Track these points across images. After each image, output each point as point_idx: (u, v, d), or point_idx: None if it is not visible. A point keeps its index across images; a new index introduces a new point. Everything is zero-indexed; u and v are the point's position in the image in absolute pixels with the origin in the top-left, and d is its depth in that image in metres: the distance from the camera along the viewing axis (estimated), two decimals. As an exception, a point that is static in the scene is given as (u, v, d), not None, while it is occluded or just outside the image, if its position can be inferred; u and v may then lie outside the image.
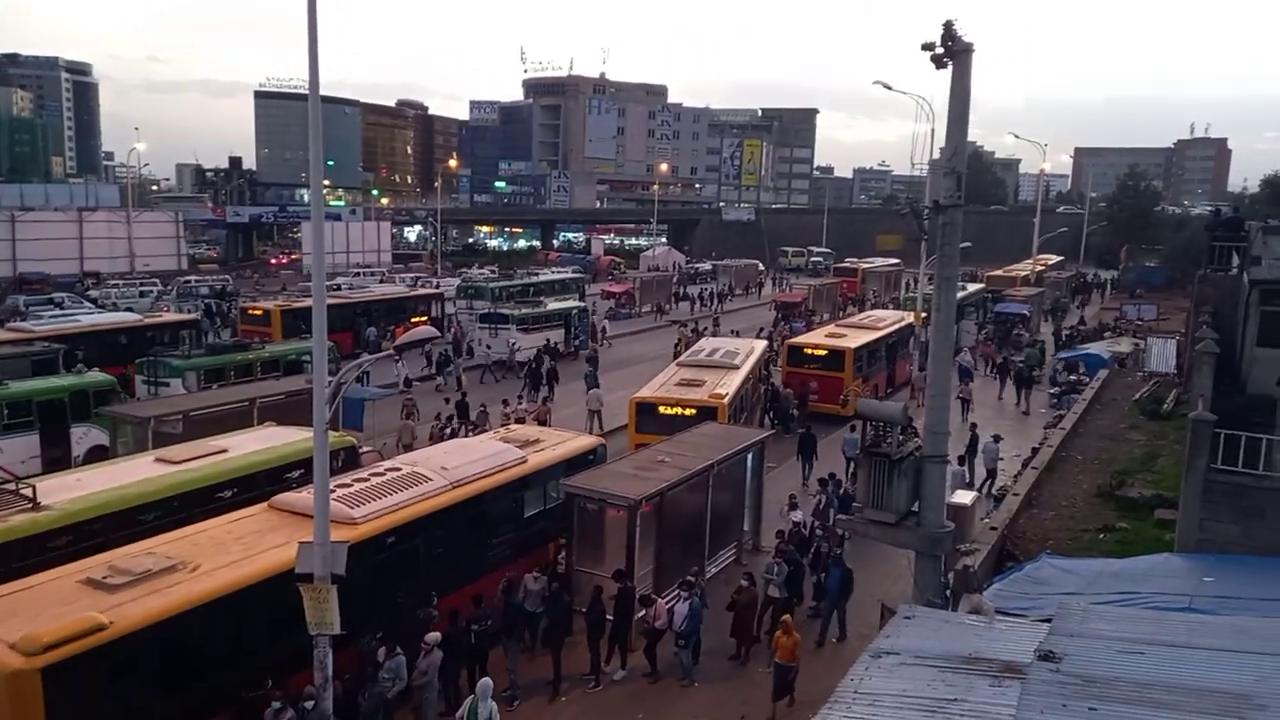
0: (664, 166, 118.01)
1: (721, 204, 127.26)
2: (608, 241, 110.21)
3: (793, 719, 12.37)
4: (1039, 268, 60.30)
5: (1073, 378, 32.60)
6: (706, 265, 74.43)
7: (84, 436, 21.53)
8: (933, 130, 25.93)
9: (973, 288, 47.43)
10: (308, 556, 10.50)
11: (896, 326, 33.90)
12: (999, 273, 58.20)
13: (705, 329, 40.55)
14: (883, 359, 32.28)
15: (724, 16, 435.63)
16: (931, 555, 13.01)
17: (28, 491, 13.01)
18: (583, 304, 44.47)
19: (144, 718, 10.01)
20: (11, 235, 59.37)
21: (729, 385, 22.62)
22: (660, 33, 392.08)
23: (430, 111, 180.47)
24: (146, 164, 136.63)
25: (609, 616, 13.62)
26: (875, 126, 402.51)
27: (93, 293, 50.02)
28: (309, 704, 10.52)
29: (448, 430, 23.04)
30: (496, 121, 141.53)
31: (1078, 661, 8.34)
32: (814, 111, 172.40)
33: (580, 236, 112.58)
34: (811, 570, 15.99)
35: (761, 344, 30.10)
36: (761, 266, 76.05)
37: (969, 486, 20.03)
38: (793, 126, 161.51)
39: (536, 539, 15.79)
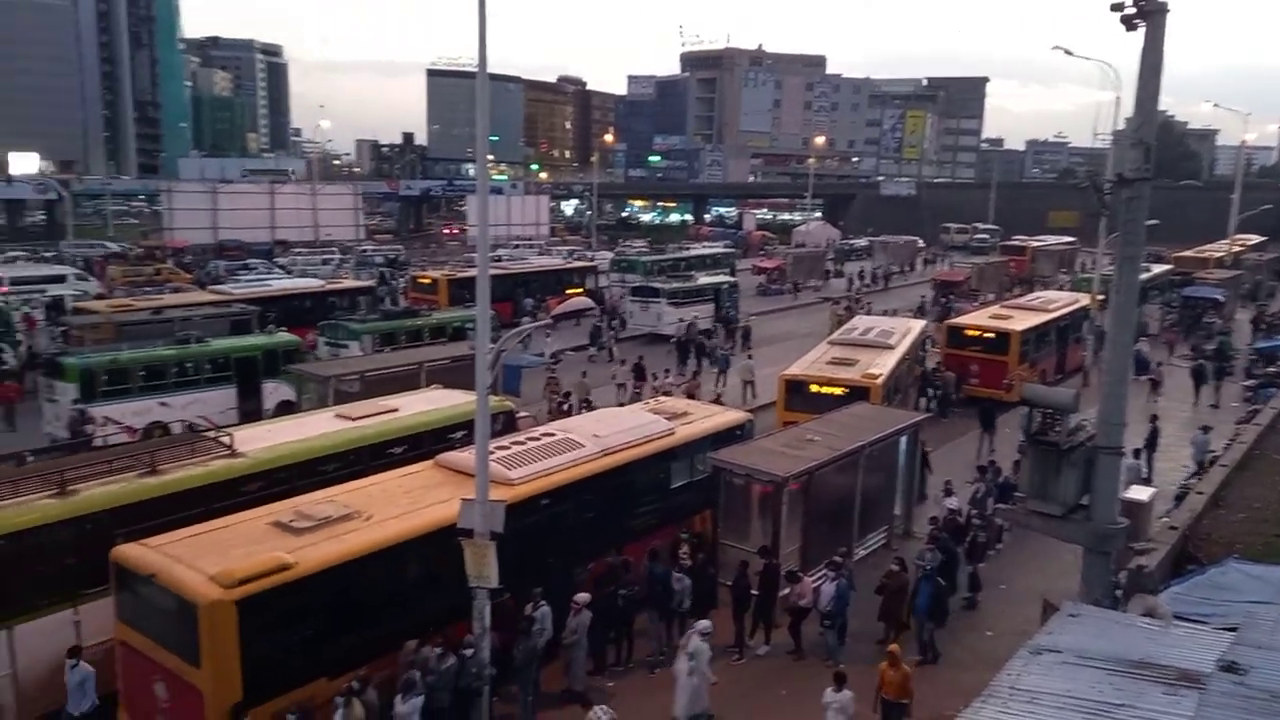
0: (820, 139, 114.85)
1: (880, 178, 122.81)
2: (760, 216, 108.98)
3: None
4: (1237, 249, 55.01)
5: (1271, 369, 29.73)
6: (862, 241, 72.29)
7: (274, 391, 23.50)
8: (1117, 98, 24.11)
9: (1158, 269, 43.94)
10: (469, 513, 11.08)
11: (1068, 309, 31.86)
12: (1189, 253, 53.44)
13: (864, 306, 39.40)
14: (1052, 343, 30.47)
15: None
16: (1101, 552, 12.28)
17: (226, 439, 14.33)
18: (733, 279, 44.24)
19: (319, 650, 10.89)
20: (213, 205, 65.14)
21: (883, 365, 21.97)
22: (821, 2, 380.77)
23: (588, 87, 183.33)
24: (329, 139, 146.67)
25: (754, 591, 13.67)
26: (1049, 95, 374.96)
27: (280, 260, 54.19)
28: (468, 652, 11.14)
29: (565, 406, 23.58)
30: (653, 96, 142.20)
31: (1265, 675, 7.69)
32: (983, 80, 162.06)
33: (732, 211, 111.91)
34: (967, 560, 15.46)
35: (919, 324, 29.01)
36: (921, 243, 73.05)
37: (1145, 482, 18.73)
38: (959, 96, 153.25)
39: (682, 510, 15.98)
